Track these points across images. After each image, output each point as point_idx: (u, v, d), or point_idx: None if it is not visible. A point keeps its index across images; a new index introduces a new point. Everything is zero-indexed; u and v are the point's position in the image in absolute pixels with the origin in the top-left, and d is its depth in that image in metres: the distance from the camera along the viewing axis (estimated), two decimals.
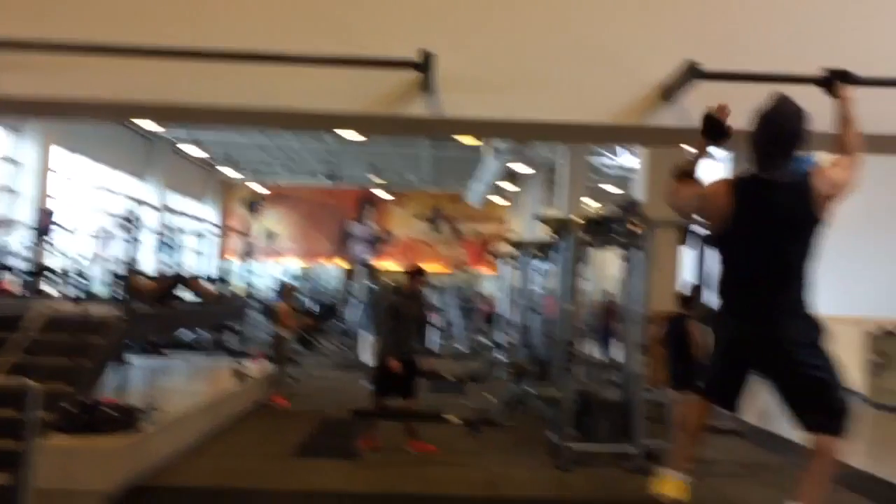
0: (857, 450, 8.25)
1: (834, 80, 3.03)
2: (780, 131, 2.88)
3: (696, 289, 10.12)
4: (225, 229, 21.22)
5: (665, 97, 3.04)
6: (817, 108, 3.06)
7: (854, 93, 3.00)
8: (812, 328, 3.02)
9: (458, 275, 29.65)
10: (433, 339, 17.10)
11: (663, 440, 6.59)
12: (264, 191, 26.77)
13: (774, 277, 2.97)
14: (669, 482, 3.16)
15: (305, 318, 14.21)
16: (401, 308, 6.98)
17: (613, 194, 22.78)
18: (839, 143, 3.03)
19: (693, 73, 2.83)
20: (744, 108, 2.99)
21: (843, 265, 13.06)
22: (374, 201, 27.17)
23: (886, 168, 11.96)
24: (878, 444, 9.20)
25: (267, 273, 29.97)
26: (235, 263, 18.62)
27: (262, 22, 3.11)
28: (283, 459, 6.50)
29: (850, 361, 12.43)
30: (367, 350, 11.63)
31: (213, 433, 7.27)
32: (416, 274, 7.15)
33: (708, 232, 3.17)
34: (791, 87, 2.95)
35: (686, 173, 3.11)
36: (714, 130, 3.03)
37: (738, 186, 2.97)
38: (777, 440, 8.24)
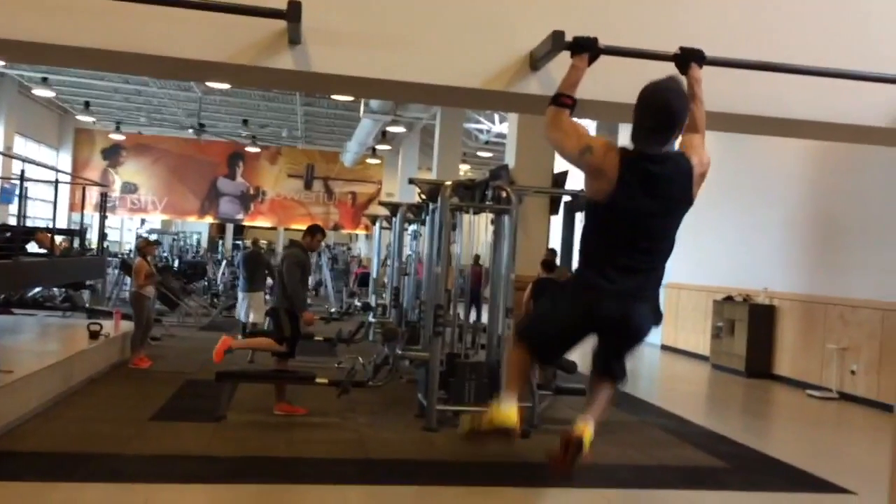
0: (698, 409, 8.90)
1: (687, 60, 3.06)
2: (670, 109, 2.86)
3: (553, 252, 10.54)
4: (80, 180, 19.89)
5: (533, 66, 3.07)
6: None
7: (701, 73, 3.07)
8: (658, 317, 3.08)
9: (330, 235, 29.38)
10: None
11: (526, 401, 6.83)
12: (123, 140, 25.28)
13: (648, 258, 2.96)
14: (509, 409, 3.05)
15: (169, 277, 13.62)
16: (306, 264, 7.01)
17: (489, 160, 23.17)
18: (690, 122, 3.10)
19: (559, 43, 2.86)
20: (606, 80, 3.08)
21: (693, 239, 13.93)
22: (244, 157, 26.36)
23: (726, 147, 12.85)
24: (717, 402, 9.94)
25: (127, 228, 28.55)
26: (92, 217, 17.56)
27: None
28: (141, 423, 6.24)
29: (700, 327, 13.35)
30: (245, 308, 11.46)
31: (66, 396, 6.89)
32: (318, 232, 7.20)
33: (585, 195, 2.99)
34: (650, 64, 3.06)
35: (565, 97, 2.93)
36: (585, 46, 2.95)
37: (625, 158, 2.88)
38: (631, 400, 8.74)
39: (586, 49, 2.96)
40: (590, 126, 18.92)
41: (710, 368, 12.02)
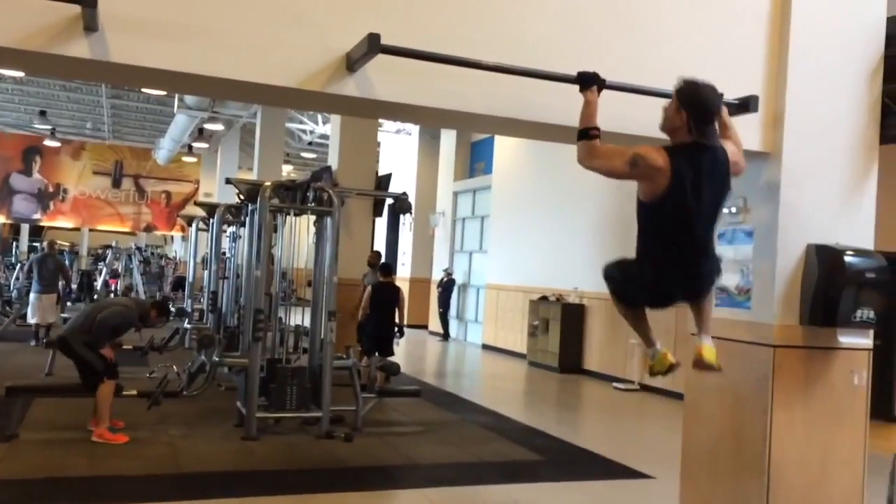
0: (515, 405, 9.26)
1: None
2: (717, 103, 3.19)
3: (378, 254, 10.61)
4: None
5: (350, 67, 3.04)
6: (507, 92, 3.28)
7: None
8: (718, 270, 3.39)
9: (142, 237, 27.70)
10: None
11: (350, 405, 6.79)
12: None
13: (706, 241, 3.23)
14: (662, 354, 3.50)
15: None
16: (128, 325, 6.50)
17: (313, 161, 22.85)
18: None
19: (375, 45, 2.85)
20: (423, 85, 3.13)
21: (511, 242, 14.56)
22: (42, 151, 24.21)
23: (538, 155, 13.53)
24: (533, 397, 10.41)
25: None
26: None
27: None
28: None
29: (518, 326, 13.89)
30: (36, 309, 11.05)
31: None
32: (165, 314, 6.97)
33: (643, 199, 3.21)
34: (471, 72, 3.14)
35: (593, 129, 3.10)
36: (590, 80, 3.18)
37: (676, 152, 3.08)
38: (452, 399, 8.94)
39: (594, 82, 3.20)
40: (413, 130, 19.24)
41: (527, 365, 12.57)
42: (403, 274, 18.91)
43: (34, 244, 26.63)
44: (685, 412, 4.47)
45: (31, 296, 11.52)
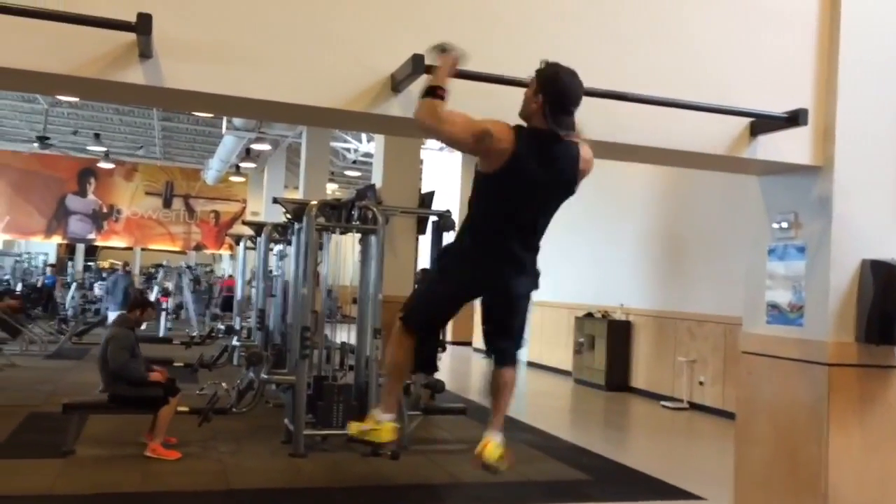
0: (562, 423, 9.17)
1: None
2: (577, 92, 2.95)
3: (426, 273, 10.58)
4: None
5: (394, 88, 3.09)
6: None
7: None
8: (534, 283, 3.17)
9: (192, 256, 28.26)
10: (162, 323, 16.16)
11: (397, 422, 6.79)
12: None
13: (530, 234, 3.05)
14: (386, 426, 3.22)
15: (10, 301, 12.64)
16: (134, 345, 6.52)
17: (357, 179, 23.08)
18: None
19: (419, 66, 2.89)
20: (465, 104, 3.16)
21: (556, 259, 14.44)
22: (96, 173, 24.94)
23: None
24: (579, 416, 10.30)
25: None
26: None
27: None
28: None
29: (563, 343, 13.75)
30: None
31: None
32: (149, 306, 7.04)
33: (480, 170, 3.00)
34: (511, 90, 3.15)
35: (440, 89, 2.89)
36: (444, 48, 3.00)
37: (524, 134, 2.91)
38: None
39: (447, 50, 2.99)
40: None
41: (573, 383, 12.43)
42: None
43: (89, 264, 27.34)
44: (737, 432, 4.38)
45: (109, 314, 13.06)
